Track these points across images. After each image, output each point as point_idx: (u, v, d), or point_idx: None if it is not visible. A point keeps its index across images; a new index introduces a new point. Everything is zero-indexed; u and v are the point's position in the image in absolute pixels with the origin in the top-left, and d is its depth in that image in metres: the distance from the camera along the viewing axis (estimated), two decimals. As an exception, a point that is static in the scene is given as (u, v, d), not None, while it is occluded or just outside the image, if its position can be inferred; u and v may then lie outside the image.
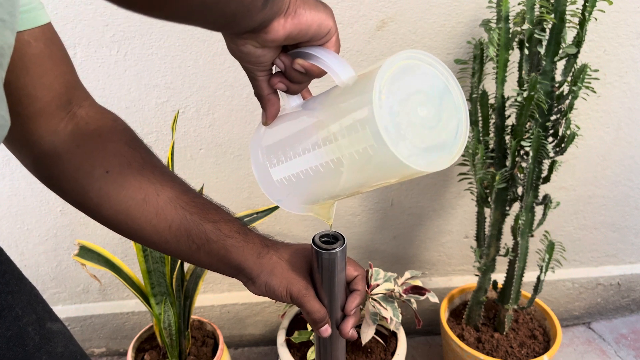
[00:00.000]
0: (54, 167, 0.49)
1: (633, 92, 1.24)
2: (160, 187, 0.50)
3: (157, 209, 0.50)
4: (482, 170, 1.04)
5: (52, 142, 0.48)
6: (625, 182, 1.36)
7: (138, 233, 0.51)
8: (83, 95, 0.51)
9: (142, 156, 0.51)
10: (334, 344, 0.56)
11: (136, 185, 0.49)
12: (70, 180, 0.49)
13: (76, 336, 1.38)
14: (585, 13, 0.92)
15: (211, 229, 0.50)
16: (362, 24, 1.09)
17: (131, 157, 0.50)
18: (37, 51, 0.46)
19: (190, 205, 0.51)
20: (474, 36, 1.09)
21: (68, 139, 0.49)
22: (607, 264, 1.49)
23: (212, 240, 0.50)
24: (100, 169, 0.49)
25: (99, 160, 0.49)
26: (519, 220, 1.06)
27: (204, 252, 0.51)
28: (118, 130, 0.51)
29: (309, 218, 1.30)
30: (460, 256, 1.41)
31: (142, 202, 0.49)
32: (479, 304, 1.20)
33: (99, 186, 0.49)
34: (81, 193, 0.49)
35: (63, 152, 0.49)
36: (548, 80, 0.96)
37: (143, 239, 0.51)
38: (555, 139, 1.03)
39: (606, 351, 1.44)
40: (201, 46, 1.07)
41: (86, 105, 0.51)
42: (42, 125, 0.48)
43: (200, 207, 0.51)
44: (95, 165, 0.49)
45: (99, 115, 0.52)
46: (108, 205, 0.49)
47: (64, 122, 0.49)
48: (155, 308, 1.06)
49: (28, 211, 1.22)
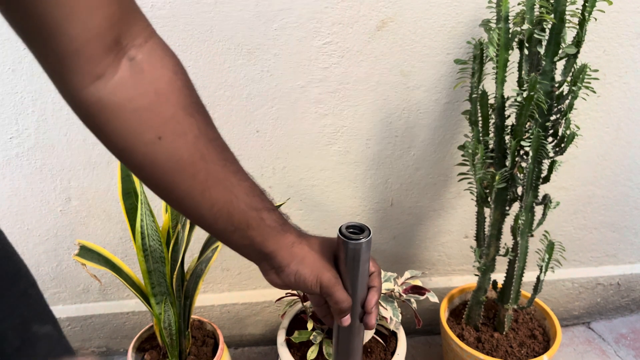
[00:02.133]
0: (99, 118, 0.42)
1: (633, 92, 1.24)
2: (211, 165, 0.46)
3: (204, 187, 0.46)
4: (481, 170, 1.04)
5: (95, 91, 0.41)
6: (624, 182, 1.36)
7: (174, 202, 0.47)
8: (140, 31, 0.43)
9: (198, 126, 0.45)
10: (355, 334, 0.57)
11: (187, 158, 0.44)
12: (116, 137, 0.43)
13: (76, 336, 1.38)
14: (585, 13, 0.92)
15: (254, 216, 0.48)
16: (362, 24, 1.09)
17: (187, 126, 0.44)
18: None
19: (237, 188, 0.47)
20: (473, 36, 1.09)
21: (117, 89, 0.41)
22: (606, 263, 1.49)
23: (252, 227, 0.49)
24: (152, 134, 0.43)
25: (152, 123, 0.42)
26: (518, 220, 1.06)
27: (239, 236, 0.49)
28: (177, 88, 0.44)
29: (310, 218, 1.31)
30: (460, 256, 1.41)
31: (190, 177, 0.45)
32: (479, 304, 1.20)
33: (147, 151, 0.43)
34: (127, 154, 0.44)
35: (110, 104, 0.41)
36: (548, 80, 0.96)
37: (180, 209, 0.48)
38: (555, 139, 1.03)
39: (606, 351, 1.44)
40: (201, 46, 1.08)
41: (144, 45, 0.43)
42: (83, 68, 0.40)
43: (247, 192, 0.48)
44: (147, 127, 0.42)
45: (159, 62, 0.44)
46: (152, 172, 0.45)
47: (112, 67, 0.41)
48: (155, 308, 1.06)
49: (28, 211, 1.22)
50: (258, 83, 1.13)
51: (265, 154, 1.21)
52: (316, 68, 1.12)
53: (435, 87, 1.18)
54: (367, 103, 1.18)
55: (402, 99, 1.18)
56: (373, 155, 1.24)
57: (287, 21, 1.07)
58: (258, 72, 1.12)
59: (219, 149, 0.47)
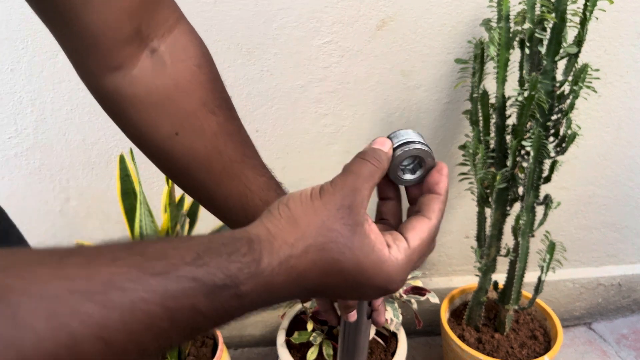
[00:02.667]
0: (116, 106, 0.41)
1: (634, 92, 1.24)
2: (229, 161, 0.44)
3: (219, 181, 0.44)
4: (482, 170, 1.03)
5: (115, 80, 0.40)
6: (625, 182, 1.36)
7: (191, 191, 0.46)
8: (165, 20, 0.41)
9: (218, 121, 0.43)
10: (361, 332, 0.56)
11: (204, 154, 0.43)
12: (133, 126, 0.42)
13: (75, 337, 1.38)
14: (586, 12, 0.92)
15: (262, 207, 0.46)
16: (362, 24, 1.08)
17: (206, 122, 0.43)
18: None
19: (253, 184, 0.46)
20: (474, 36, 1.09)
21: (136, 81, 0.40)
22: (607, 264, 1.49)
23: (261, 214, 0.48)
24: (170, 129, 0.41)
25: (170, 119, 0.41)
26: (519, 220, 1.06)
27: (246, 221, 0.48)
28: (199, 83, 0.42)
29: (308, 218, 1.30)
30: (460, 256, 1.41)
31: (206, 172, 0.44)
32: (480, 305, 1.20)
33: (164, 145, 0.42)
34: (142, 143, 0.43)
35: (129, 95, 0.40)
36: (549, 79, 0.96)
37: (194, 196, 0.47)
38: (556, 139, 1.03)
39: (607, 351, 1.44)
40: (201, 46, 1.07)
41: (168, 35, 0.41)
42: (100, 59, 0.39)
43: (263, 187, 0.47)
44: (165, 122, 0.41)
45: (182, 54, 0.42)
46: (167, 162, 0.44)
47: (133, 57, 0.39)
48: (154, 308, 1.06)
49: (27, 211, 1.22)
50: (258, 82, 1.12)
51: (265, 153, 1.19)
52: (316, 67, 1.12)
53: (435, 87, 1.17)
54: (367, 103, 1.17)
55: (402, 99, 1.18)
56: (373, 155, 1.24)
57: (286, 20, 1.07)
58: (258, 72, 1.11)
59: (238, 143, 0.46)
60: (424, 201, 0.39)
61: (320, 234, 0.32)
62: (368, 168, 0.35)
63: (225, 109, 0.45)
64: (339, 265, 0.32)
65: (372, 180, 0.35)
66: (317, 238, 0.32)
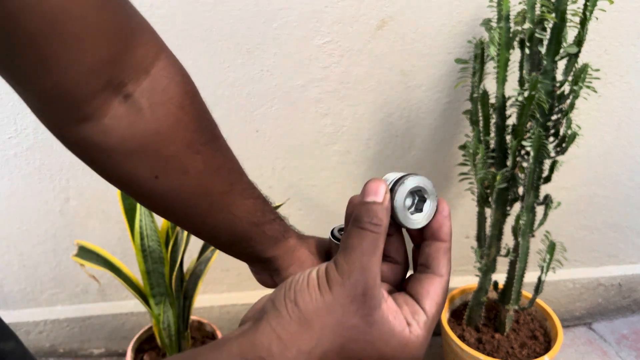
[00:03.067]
0: (88, 154, 0.38)
1: (634, 92, 1.24)
2: (214, 196, 0.43)
3: (205, 215, 0.43)
4: (482, 170, 1.03)
5: (84, 130, 0.36)
6: (626, 182, 1.36)
7: (172, 221, 0.45)
8: (141, 60, 0.36)
9: (203, 159, 0.41)
10: None
11: (188, 193, 0.41)
12: (108, 172, 0.39)
13: (75, 337, 1.38)
14: (586, 12, 0.92)
15: (256, 231, 0.46)
16: (363, 23, 1.08)
17: (190, 163, 0.40)
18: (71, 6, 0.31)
19: (240, 210, 0.44)
20: (474, 35, 1.09)
21: (108, 130, 0.36)
22: (608, 264, 1.49)
23: (253, 240, 0.47)
24: (148, 173, 0.38)
25: (147, 164, 0.38)
26: (519, 220, 1.06)
27: (240, 247, 0.47)
28: (182, 126, 0.39)
29: (310, 218, 1.30)
30: (460, 256, 1.41)
31: (190, 207, 0.42)
32: (480, 305, 1.20)
33: (143, 187, 0.40)
34: (120, 185, 0.41)
35: (100, 145, 0.37)
36: (549, 79, 0.96)
37: (178, 224, 0.46)
38: (556, 139, 1.02)
39: (607, 352, 1.43)
40: (200, 45, 1.07)
41: (144, 79, 0.37)
42: (70, 107, 0.35)
43: (250, 211, 0.45)
44: (142, 167, 0.38)
45: (161, 97, 0.37)
46: (148, 201, 0.42)
47: (104, 106, 0.35)
48: (154, 308, 1.06)
49: (27, 211, 1.22)
50: (258, 82, 1.12)
51: (265, 153, 1.20)
52: (316, 67, 1.12)
53: (435, 87, 1.17)
54: (367, 103, 1.17)
55: (402, 99, 1.18)
56: (373, 155, 1.24)
57: (287, 20, 1.07)
58: (258, 72, 1.11)
59: (226, 174, 0.43)
60: (430, 253, 0.35)
61: (337, 335, 0.30)
62: (369, 239, 0.31)
63: (212, 143, 0.43)
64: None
65: (377, 250, 0.32)
66: (334, 340, 0.30)
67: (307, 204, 1.29)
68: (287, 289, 0.32)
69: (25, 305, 1.34)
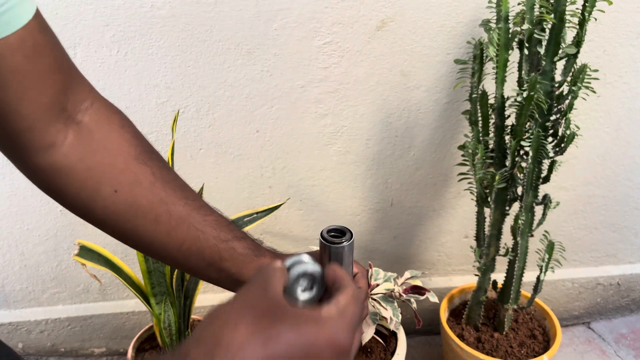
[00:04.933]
0: (54, 181, 0.45)
1: (633, 92, 1.24)
2: (172, 206, 0.47)
3: (168, 228, 0.47)
4: (481, 170, 1.04)
5: (49, 157, 0.43)
6: (625, 182, 1.36)
7: (145, 248, 0.49)
8: (85, 96, 0.45)
9: (152, 171, 0.47)
10: None
11: (146, 205, 0.46)
12: (74, 197, 0.45)
13: (76, 336, 1.38)
14: (585, 13, 0.92)
15: (224, 247, 0.48)
16: (362, 24, 1.09)
17: (141, 174, 0.46)
18: (14, 64, 0.37)
19: (203, 224, 0.48)
20: (473, 36, 1.09)
21: (69, 152, 0.43)
22: (607, 263, 1.49)
23: (224, 259, 0.49)
24: (108, 188, 0.44)
25: (106, 178, 0.44)
26: (518, 220, 1.06)
27: (214, 270, 0.49)
28: (126, 141, 0.46)
29: (310, 218, 1.31)
30: (460, 256, 1.41)
31: (153, 222, 0.46)
32: (479, 304, 1.20)
33: (106, 205, 0.45)
34: (86, 210, 0.46)
35: (64, 167, 0.43)
36: (548, 80, 0.96)
37: (149, 253, 0.49)
38: (555, 139, 1.03)
39: (606, 351, 1.44)
40: (201, 46, 1.07)
41: (89, 108, 0.45)
42: (35, 140, 0.42)
43: (214, 226, 0.49)
44: (102, 183, 0.44)
45: (105, 120, 0.45)
46: (115, 223, 0.46)
47: (62, 133, 0.43)
48: (155, 308, 1.06)
49: (28, 211, 1.22)
50: (258, 83, 1.12)
51: (265, 153, 1.21)
52: (316, 68, 1.12)
53: (435, 87, 1.18)
54: (367, 103, 1.18)
55: (402, 99, 1.18)
56: (373, 155, 1.24)
57: (287, 21, 1.07)
58: (258, 72, 1.11)
59: (178, 189, 0.48)
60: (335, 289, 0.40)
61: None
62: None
63: (157, 160, 0.48)
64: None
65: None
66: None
67: (307, 204, 1.29)
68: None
69: (26, 305, 1.35)
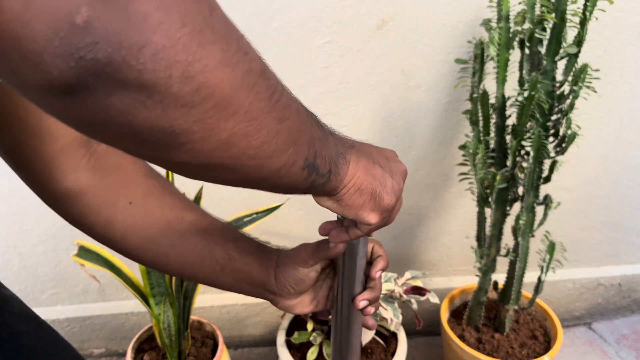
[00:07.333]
0: (78, 203, 0.51)
1: (634, 92, 1.24)
2: (181, 213, 0.53)
3: (181, 232, 0.52)
4: (482, 170, 1.03)
5: (75, 178, 0.50)
6: (626, 182, 1.36)
7: (163, 259, 0.53)
8: None
9: (160, 184, 0.53)
10: (353, 332, 0.56)
11: (159, 212, 0.52)
12: (95, 214, 0.51)
13: (75, 336, 1.38)
14: (586, 12, 0.92)
15: (233, 247, 0.53)
16: (363, 23, 1.08)
17: (151, 187, 0.52)
18: None
19: (210, 227, 0.53)
20: (474, 35, 1.09)
21: (90, 174, 0.50)
22: (608, 264, 1.49)
23: (234, 258, 0.53)
24: (124, 200, 0.51)
25: (121, 192, 0.51)
26: (519, 220, 1.06)
27: (228, 272, 0.53)
28: (135, 162, 0.53)
29: (308, 218, 1.30)
30: (460, 256, 1.41)
31: (166, 228, 0.52)
32: (480, 305, 1.20)
33: (124, 217, 0.51)
34: (107, 225, 0.51)
35: (86, 187, 0.50)
36: (549, 79, 0.96)
37: (167, 266, 0.54)
38: (556, 139, 1.03)
39: (607, 352, 1.43)
40: (201, 46, 1.07)
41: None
42: (65, 162, 0.49)
43: (220, 229, 0.54)
44: (119, 197, 0.51)
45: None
46: (134, 234, 0.52)
47: (85, 158, 0.50)
48: (154, 308, 1.06)
49: (27, 211, 1.22)
50: (258, 83, 1.12)
51: (265, 154, 1.20)
52: (316, 67, 1.12)
53: (435, 87, 1.17)
54: (367, 103, 1.17)
55: (402, 99, 1.18)
56: (373, 155, 1.23)
57: (286, 20, 1.07)
58: (258, 72, 1.11)
59: (182, 199, 0.54)
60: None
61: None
62: None
63: (160, 177, 0.54)
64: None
65: None
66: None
67: (307, 204, 1.29)
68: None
69: (25, 305, 1.34)
